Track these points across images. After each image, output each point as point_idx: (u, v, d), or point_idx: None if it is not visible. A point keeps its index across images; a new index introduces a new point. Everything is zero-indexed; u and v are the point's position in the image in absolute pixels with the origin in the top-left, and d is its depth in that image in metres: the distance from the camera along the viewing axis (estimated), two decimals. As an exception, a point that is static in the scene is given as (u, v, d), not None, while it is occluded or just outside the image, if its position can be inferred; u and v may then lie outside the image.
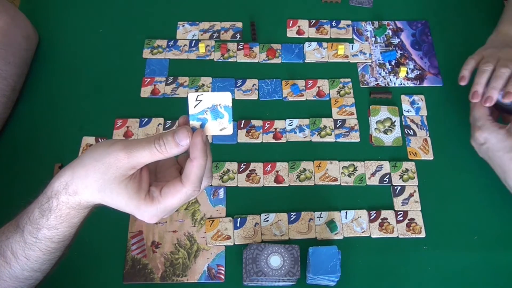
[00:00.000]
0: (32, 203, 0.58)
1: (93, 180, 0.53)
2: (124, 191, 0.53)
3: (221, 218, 0.83)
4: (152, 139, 0.53)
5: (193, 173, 0.53)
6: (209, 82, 0.97)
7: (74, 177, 0.54)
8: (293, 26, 1.05)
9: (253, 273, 0.71)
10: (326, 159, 0.89)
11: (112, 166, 0.52)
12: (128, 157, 0.52)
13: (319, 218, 0.83)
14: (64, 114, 0.93)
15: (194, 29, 1.04)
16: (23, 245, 0.57)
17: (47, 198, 0.55)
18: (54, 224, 0.56)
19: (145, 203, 0.54)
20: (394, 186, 0.86)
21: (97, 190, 0.54)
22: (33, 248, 0.57)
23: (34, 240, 0.57)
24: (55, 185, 0.55)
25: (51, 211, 0.55)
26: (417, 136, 0.92)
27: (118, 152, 0.52)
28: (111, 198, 0.54)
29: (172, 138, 0.53)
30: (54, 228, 0.56)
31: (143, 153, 0.52)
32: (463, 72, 0.84)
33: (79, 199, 0.55)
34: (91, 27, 1.05)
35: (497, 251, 0.81)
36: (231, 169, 0.87)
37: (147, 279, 0.77)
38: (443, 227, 0.83)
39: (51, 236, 0.57)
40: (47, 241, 0.57)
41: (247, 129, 0.91)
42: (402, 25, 1.06)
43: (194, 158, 0.53)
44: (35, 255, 0.58)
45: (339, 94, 0.96)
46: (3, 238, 0.58)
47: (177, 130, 0.53)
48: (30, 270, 0.59)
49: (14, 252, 0.57)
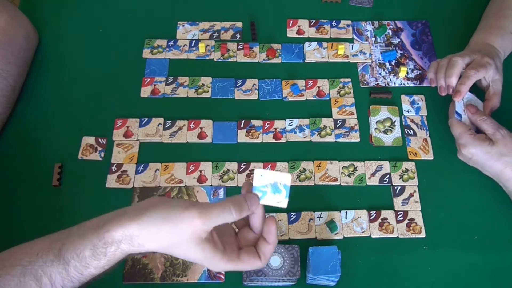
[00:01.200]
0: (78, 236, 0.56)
1: (165, 238, 0.55)
2: (201, 252, 0.55)
3: (221, 218, 0.83)
4: (228, 204, 0.56)
5: (270, 253, 0.59)
6: (209, 82, 0.97)
7: (142, 233, 0.55)
8: (293, 26, 1.05)
9: (253, 273, 0.71)
10: (326, 159, 0.89)
11: (187, 231, 0.54)
12: (204, 223, 0.54)
13: (319, 218, 0.83)
14: (64, 114, 0.93)
15: (194, 29, 1.04)
16: (64, 276, 0.56)
17: (104, 244, 0.55)
18: (103, 265, 0.56)
19: (222, 262, 0.57)
20: (394, 186, 0.86)
21: (167, 246, 0.55)
22: (74, 281, 0.57)
23: (78, 276, 0.56)
24: (116, 235, 0.55)
25: (106, 256, 0.55)
26: (417, 136, 0.92)
27: (194, 219, 0.54)
28: (183, 256, 0.56)
29: (246, 204, 0.57)
30: (102, 268, 0.56)
31: (218, 218, 0.55)
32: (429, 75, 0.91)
33: (144, 249, 0.56)
34: (91, 27, 1.05)
35: (497, 251, 0.81)
36: (231, 169, 0.87)
37: (147, 279, 0.77)
38: (443, 227, 0.83)
39: (96, 274, 0.57)
40: (89, 277, 0.57)
41: (247, 129, 0.91)
42: (402, 25, 1.06)
43: (271, 242, 0.58)
44: (72, 286, 0.57)
45: (339, 94, 0.96)
46: (40, 263, 0.56)
47: (248, 196, 0.58)
48: None
49: (53, 281, 0.56)
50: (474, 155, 0.80)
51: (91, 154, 0.88)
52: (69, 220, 0.82)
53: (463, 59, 0.86)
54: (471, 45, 0.93)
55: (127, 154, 0.88)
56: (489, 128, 0.80)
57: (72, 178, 0.86)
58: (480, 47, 0.91)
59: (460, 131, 0.81)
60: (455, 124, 0.82)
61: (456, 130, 0.82)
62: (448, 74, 0.85)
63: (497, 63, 0.88)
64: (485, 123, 0.81)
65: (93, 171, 0.87)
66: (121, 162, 0.87)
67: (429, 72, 0.91)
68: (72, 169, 0.87)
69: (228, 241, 0.59)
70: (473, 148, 0.80)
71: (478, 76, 0.85)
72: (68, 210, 0.82)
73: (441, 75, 0.87)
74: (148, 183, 0.85)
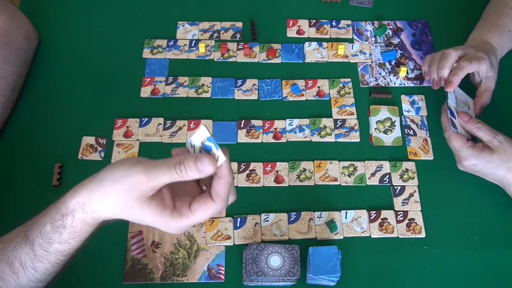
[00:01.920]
0: (41, 215, 0.58)
1: (113, 201, 0.54)
2: (148, 211, 0.54)
3: (221, 218, 0.83)
4: (172, 163, 0.54)
5: (223, 190, 0.55)
6: (209, 82, 0.97)
7: (92, 197, 0.55)
8: (293, 26, 1.05)
9: (253, 273, 0.71)
10: (326, 159, 0.89)
11: (133, 189, 0.53)
12: (148, 180, 0.53)
13: (319, 218, 0.83)
14: (64, 114, 0.93)
15: (194, 29, 1.04)
16: (32, 257, 0.57)
17: (61, 215, 0.56)
18: (67, 239, 0.56)
19: (174, 219, 0.55)
20: (394, 186, 0.86)
21: (118, 209, 0.55)
22: (43, 261, 0.57)
23: (44, 253, 0.57)
24: (71, 204, 0.55)
25: (65, 228, 0.56)
26: (417, 136, 0.92)
27: (139, 175, 0.53)
28: (134, 218, 0.55)
29: (194, 165, 0.54)
30: (67, 242, 0.57)
31: (163, 177, 0.54)
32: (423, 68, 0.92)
33: (98, 216, 0.55)
34: (91, 27, 1.05)
35: (497, 251, 0.81)
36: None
37: (147, 279, 0.77)
38: (443, 227, 0.83)
39: (62, 250, 0.57)
40: (58, 255, 0.57)
41: (247, 129, 0.91)
42: (402, 25, 1.06)
43: (223, 176, 0.55)
44: (44, 267, 0.58)
45: (339, 94, 0.96)
46: (11, 248, 0.58)
47: (200, 157, 0.54)
48: (37, 281, 0.59)
49: (23, 263, 0.57)
50: (477, 165, 0.80)
51: (91, 154, 0.88)
52: (69, 220, 0.82)
53: (456, 51, 0.86)
54: (469, 42, 0.94)
55: (127, 154, 0.88)
56: (485, 136, 0.79)
57: (72, 178, 0.85)
58: (477, 43, 0.91)
59: (459, 144, 0.80)
60: (453, 138, 0.81)
61: (455, 143, 0.81)
62: (441, 66, 0.86)
63: (492, 59, 0.87)
64: (480, 130, 0.80)
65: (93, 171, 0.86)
66: (121, 162, 0.87)
67: (423, 65, 0.92)
68: (72, 169, 0.87)
69: (185, 200, 0.57)
70: (474, 159, 0.79)
71: (471, 68, 0.84)
72: (68, 210, 0.82)
73: (434, 68, 0.88)
74: (148, 183, 0.85)
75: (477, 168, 0.80)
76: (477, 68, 0.85)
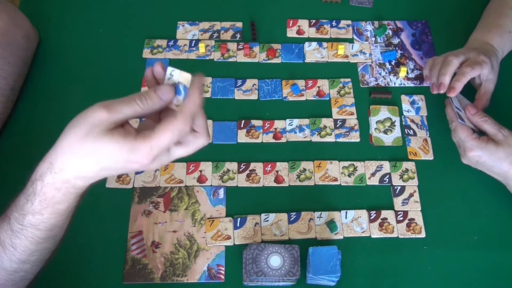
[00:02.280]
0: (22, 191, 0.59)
1: (77, 146, 0.53)
2: (111, 140, 0.53)
3: (221, 218, 0.83)
4: (133, 96, 0.55)
5: (187, 108, 0.54)
6: (209, 82, 0.97)
7: (57, 153, 0.54)
8: (293, 26, 1.05)
9: (253, 273, 0.71)
10: (326, 159, 0.89)
11: (93, 125, 0.52)
12: (109, 112, 0.53)
13: (319, 218, 0.83)
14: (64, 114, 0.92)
15: (194, 29, 1.04)
16: (10, 233, 0.57)
17: (31, 182, 0.56)
18: (39, 209, 0.56)
19: (138, 142, 0.53)
20: (394, 186, 0.86)
21: (84, 155, 0.53)
22: (19, 236, 0.57)
23: (20, 227, 0.57)
24: (40, 168, 0.55)
25: (36, 195, 0.55)
26: (417, 136, 0.92)
27: (97, 109, 0.53)
28: (100, 154, 0.53)
29: (154, 93, 0.55)
30: (39, 213, 0.56)
31: (124, 108, 0.53)
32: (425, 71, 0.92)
33: (66, 175, 0.54)
34: (91, 27, 1.05)
35: (497, 251, 0.81)
36: (231, 169, 0.87)
37: (147, 279, 0.77)
38: (443, 227, 0.83)
39: (36, 223, 0.57)
40: (33, 228, 0.57)
41: (247, 129, 0.91)
42: (402, 25, 1.06)
43: (190, 94, 0.55)
44: (22, 244, 0.58)
45: (339, 94, 0.96)
46: None
47: (159, 86, 0.55)
48: (18, 262, 0.59)
49: (2, 242, 0.58)
50: (481, 157, 0.79)
51: (91, 154, 0.88)
52: (69, 220, 0.82)
53: (457, 58, 0.86)
54: (469, 43, 0.93)
55: (127, 154, 0.88)
56: (490, 129, 0.80)
57: (72, 178, 0.86)
58: (478, 45, 0.91)
59: (465, 134, 0.80)
60: (460, 128, 0.81)
61: (461, 134, 0.81)
62: (442, 72, 0.86)
63: (493, 62, 0.87)
64: (486, 123, 0.80)
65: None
66: (121, 162, 0.87)
67: (425, 69, 0.91)
68: (72, 169, 0.87)
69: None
70: (479, 151, 0.79)
71: (473, 74, 0.85)
72: (68, 210, 0.82)
73: (434, 72, 0.88)
74: (148, 183, 0.85)
75: (481, 160, 0.80)
76: (479, 73, 0.85)
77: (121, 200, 0.84)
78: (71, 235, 0.80)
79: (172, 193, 0.85)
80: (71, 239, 0.80)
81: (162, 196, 0.84)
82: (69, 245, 0.80)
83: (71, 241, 0.80)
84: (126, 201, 0.84)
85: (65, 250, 0.79)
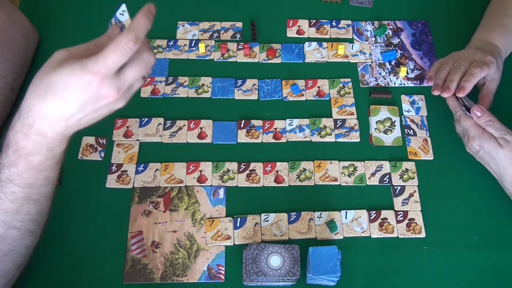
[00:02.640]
0: None
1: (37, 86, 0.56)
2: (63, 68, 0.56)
3: (221, 218, 0.83)
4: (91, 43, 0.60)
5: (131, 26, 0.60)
6: (209, 82, 0.97)
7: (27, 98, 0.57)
8: (293, 26, 1.05)
9: (253, 273, 0.71)
10: (326, 159, 0.89)
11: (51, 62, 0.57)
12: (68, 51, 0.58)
13: (319, 218, 0.83)
14: (64, 114, 0.93)
15: (194, 29, 1.04)
16: None
17: (5, 136, 0.58)
18: (12, 160, 0.57)
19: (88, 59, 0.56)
20: (394, 186, 0.86)
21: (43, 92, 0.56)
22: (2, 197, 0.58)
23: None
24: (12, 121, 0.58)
25: (9, 145, 0.57)
26: (417, 136, 0.92)
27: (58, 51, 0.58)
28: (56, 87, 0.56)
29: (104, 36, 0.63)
30: (14, 165, 0.57)
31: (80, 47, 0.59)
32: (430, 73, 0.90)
33: (33, 118, 0.56)
34: (91, 27, 1.04)
35: (497, 251, 0.81)
36: (231, 169, 0.87)
37: (147, 279, 0.77)
38: (443, 227, 0.83)
39: (12, 177, 0.58)
40: (10, 183, 0.58)
41: (247, 129, 0.91)
42: (402, 25, 1.06)
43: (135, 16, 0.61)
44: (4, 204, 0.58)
45: (339, 94, 0.96)
46: None
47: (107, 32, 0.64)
48: (2, 224, 0.60)
49: None
50: (482, 148, 0.80)
51: (91, 154, 0.88)
52: (69, 220, 0.82)
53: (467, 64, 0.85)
54: (472, 43, 0.93)
55: (127, 154, 0.88)
56: (495, 132, 0.80)
57: (72, 178, 0.85)
58: (482, 44, 0.91)
59: (469, 123, 0.81)
60: (464, 117, 0.82)
61: (465, 122, 0.81)
62: (450, 79, 0.85)
63: (499, 62, 0.88)
64: (491, 126, 0.80)
65: (93, 171, 0.87)
66: (121, 162, 0.87)
67: (431, 71, 0.91)
68: (72, 169, 0.86)
69: None
70: (481, 140, 0.80)
71: (482, 74, 0.85)
72: (68, 210, 0.82)
73: (441, 75, 0.87)
74: (148, 183, 0.85)
75: (481, 151, 0.80)
76: (487, 73, 0.86)
77: (121, 200, 0.84)
78: (71, 235, 0.81)
79: (172, 193, 0.85)
80: (71, 239, 0.81)
81: (162, 196, 0.84)
82: (69, 245, 0.80)
83: (71, 241, 0.80)
84: (126, 201, 0.84)
85: (65, 250, 0.79)
